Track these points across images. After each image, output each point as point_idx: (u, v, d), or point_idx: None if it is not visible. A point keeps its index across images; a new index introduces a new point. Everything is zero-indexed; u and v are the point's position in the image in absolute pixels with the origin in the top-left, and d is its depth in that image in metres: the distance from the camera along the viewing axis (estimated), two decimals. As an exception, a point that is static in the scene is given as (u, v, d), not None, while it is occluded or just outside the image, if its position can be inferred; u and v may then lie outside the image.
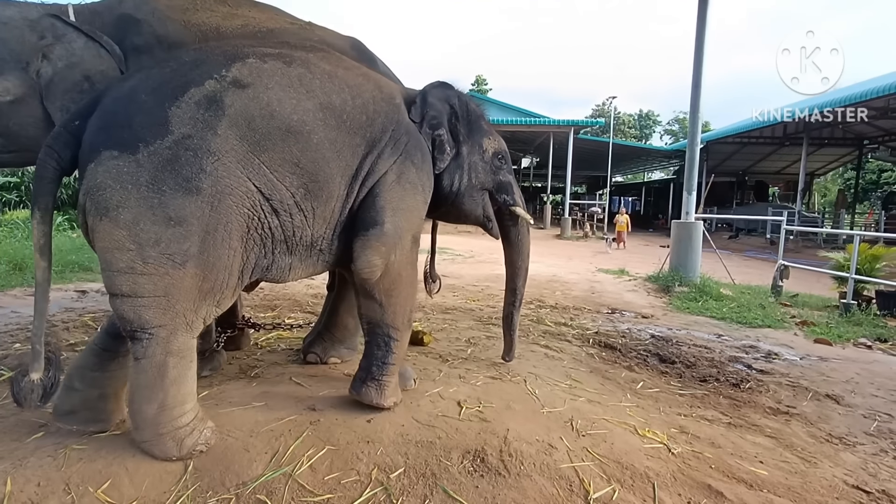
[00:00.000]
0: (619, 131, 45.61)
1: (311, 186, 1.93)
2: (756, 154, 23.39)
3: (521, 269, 2.91)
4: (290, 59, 1.99)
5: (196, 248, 1.72)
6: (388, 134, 2.17)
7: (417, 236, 2.32)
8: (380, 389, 2.21)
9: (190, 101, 1.74)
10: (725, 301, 6.15)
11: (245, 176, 1.79)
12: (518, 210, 2.72)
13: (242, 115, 1.79)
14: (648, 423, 2.43)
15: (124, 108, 1.72)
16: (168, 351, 1.76)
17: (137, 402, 1.79)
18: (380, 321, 2.25)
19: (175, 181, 1.67)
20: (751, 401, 3.04)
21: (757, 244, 17.61)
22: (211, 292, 1.80)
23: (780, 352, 4.24)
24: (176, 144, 1.69)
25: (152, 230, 1.66)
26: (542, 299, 5.89)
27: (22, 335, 3.43)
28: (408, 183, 2.20)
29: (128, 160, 1.65)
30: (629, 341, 4.22)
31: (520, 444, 1.99)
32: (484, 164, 2.63)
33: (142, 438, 1.81)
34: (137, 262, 1.67)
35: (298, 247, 2.01)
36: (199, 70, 1.82)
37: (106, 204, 1.64)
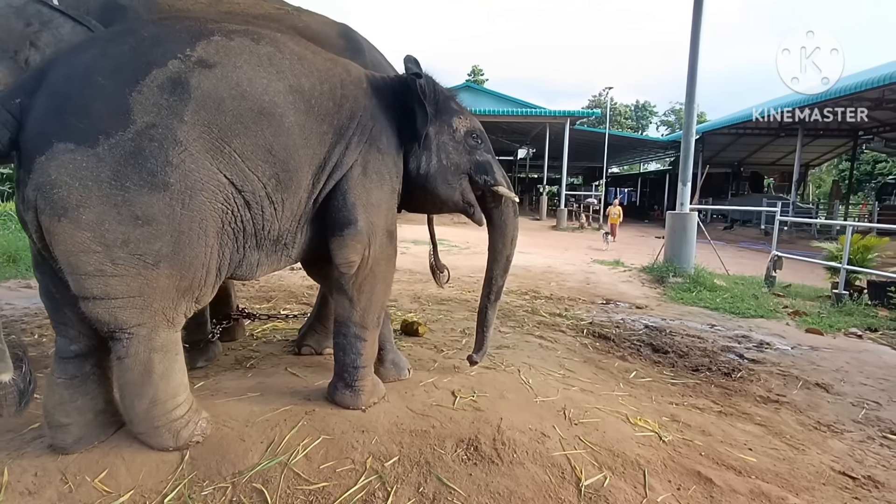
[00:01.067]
0: (615, 122, 45.55)
1: (283, 176, 1.84)
2: (751, 145, 23.44)
3: (502, 256, 2.61)
4: (259, 36, 1.87)
5: (169, 248, 1.62)
6: (355, 120, 2.07)
7: (392, 230, 2.24)
8: (355, 394, 2.18)
9: (152, 84, 1.59)
10: (719, 291, 6.20)
11: (216, 168, 1.68)
12: (501, 189, 2.48)
13: (211, 97, 1.66)
14: (640, 411, 2.46)
15: (79, 93, 1.54)
16: (151, 348, 1.71)
17: (129, 399, 1.75)
18: (348, 318, 2.19)
19: (139, 176, 1.54)
20: (742, 389, 3.08)
21: (751, 235, 17.72)
22: (189, 290, 1.73)
23: (772, 341, 4.29)
24: (139, 135, 1.54)
25: (118, 230, 1.54)
26: (537, 290, 5.93)
27: (17, 327, 3.43)
28: (375, 174, 2.12)
29: (86, 154, 1.50)
30: (623, 332, 4.25)
31: (513, 432, 2.01)
32: (455, 143, 2.43)
33: (138, 431, 1.81)
34: (107, 265, 1.56)
35: (266, 241, 1.92)
36: (161, 49, 1.66)
37: (64, 203, 1.49)
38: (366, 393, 2.21)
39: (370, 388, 2.24)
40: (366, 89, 2.19)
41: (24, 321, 3.61)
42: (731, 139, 22.30)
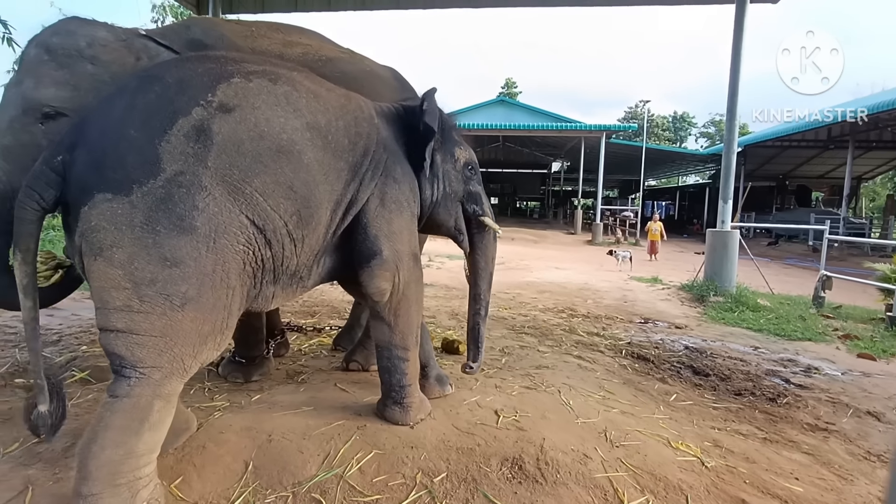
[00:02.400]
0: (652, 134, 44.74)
1: (304, 213, 1.89)
2: (797, 158, 22.62)
3: (486, 274, 2.76)
4: (276, 76, 1.94)
5: (194, 291, 1.65)
6: (369, 157, 2.14)
7: (416, 253, 2.37)
8: (404, 410, 2.30)
9: (179, 133, 1.67)
10: (763, 312, 6.05)
11: (238, 209, 1.73)
12: (487, 220, 2.66)
13: (231, 140, 1.72)
14: (682, 435, 2.48)
15: (114, 147, 1.64)
16: (157, 394, 1.65)
17: (98, 446, 1.59)
18: (389, 342, 2.31)
19: (169, 220, 1.61)
20: (788, 416, 3.04)
21: (798, 251, 17.04)
22: (212, 335, 1.74)
23: (821, 366, 4.17)
24: (168, 182, 1.62)
25: (148, 269, 1.60)
26: (573, 308, 5.93)
27: (86, 337, 3.71)
28: (393, 203, 2.20)
29: (122, 202, 1.58)
30: (662, 352, 4.22)
31: (555, 453, 2.08)
32: (456, 172, 2.59)
33: (89, 491, 1.57)
34: (134, 301, 1.60)
35: (283, 276, 1.96)
36: (185, 95, 1.74)
37: (100, 244, 1.58)
38: (414, 409, 2.33)
39: (418, 404, 2.36)
40: (377, 124, 2.27)
41: (93, 331, 3.89)
42: (776, 152, 21.61)
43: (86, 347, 3.45)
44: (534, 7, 8.63)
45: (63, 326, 4.07)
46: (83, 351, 3.37)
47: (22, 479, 1.86)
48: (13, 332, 3.87)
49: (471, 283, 2.77)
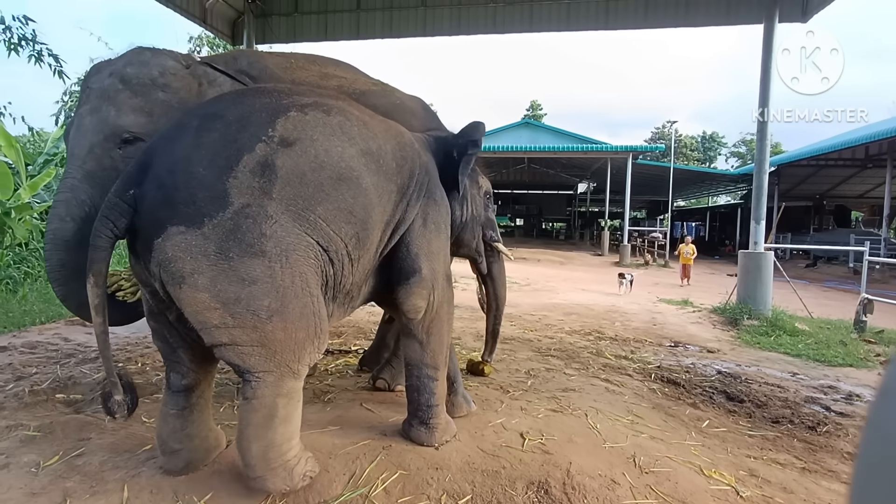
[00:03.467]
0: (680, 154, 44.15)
1: (362, 235, 1.99)
2: (835, 177, 21.91)
3: (501, 295, 3.16)
4: (328, 107, 2.04)
5: (277, 303, 1.76)
6: (414, 179, 2.26)
7: (449, 273, 2.48)
8: (430, 432, 2.33)
9: (245, 169, 1.77)
10: (801, 336, 5.82)
11: (303, 231, 1.84)
12: (500, 246, 3.02)
13: (294, 173, 1.83)
14: (715, 463, 2.40)
15: (185, 184, 1.75)
16: (277, 393, 1.83)
17: (247, 441, 1.84)
18: (420, 361, 2.37)
19: (240, 248, 1.72)
20: (828, 445, 2.90)
21: (838, 274, 16.38)
22: (308, 339, 1.86)
23: (863, 393, 3.99)
24: (236, 214, 1.73)
25: (230, 290, 1.72)
26: (601, 330, 5.83)
27: (122, 355, 3.85)
28: (433, 224, 2.33)
29: (194, 234, 1.70)
30: (693, 377, 4.11)
31: (582, 477, 2.04)
32: (480, 198, 2.87)
33: (254, 475, 1.87)
34: (227, 318, 1.74)
35: (339, 294, 2.07)
36: (247, 132, 1.84)
37: (181, 273, 1.70)
38: (439, 430, 2.34)
39: (444, 425, 2.38)
40: (417, 149, 2.40)
41: (128, 349, 4.04)
42: (811, 171, 20.99)
43: (122, 364, 3.57)
44: (558, 32, 8.69)
45: (102, 344, 4.22)
46: (119, 368, 3.48)
47: (61, 491, 1.93)
48: (55, 349, 4.05)
49: (487, 304, 3.13)
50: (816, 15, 7.15)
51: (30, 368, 3.47)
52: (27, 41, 7.31)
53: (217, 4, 8.58)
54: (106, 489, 1.95)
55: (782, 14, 7.00)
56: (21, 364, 3.55)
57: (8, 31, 5.74)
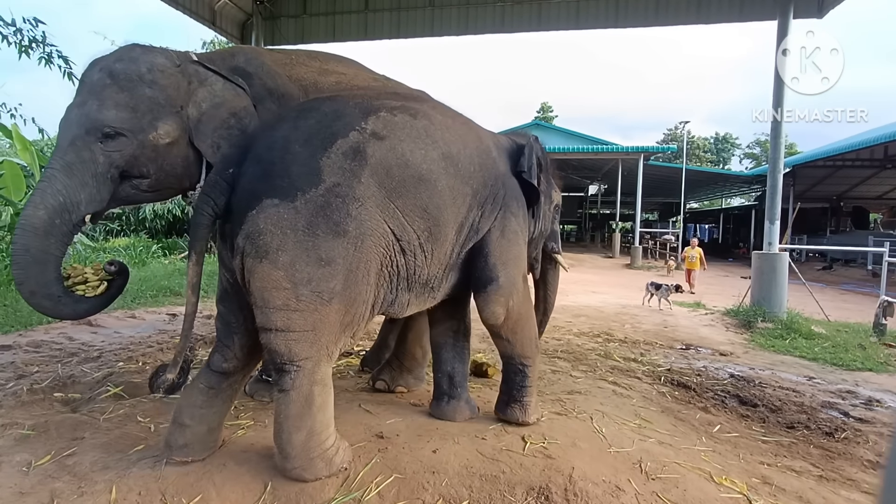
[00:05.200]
0: (693, 156, 43.61)
1: (434, 230, 2.11)
2: (852, 178, 21.42)
3: (551, 302, 3.26)
4: (415, 112, 2.18)
5: (341, 286, 1.87)
6: (488, 188, 2.34)
7: (525, 275, 2.60)
8: (523, 409, 2.50)
9: (338, 151, 1.91)
10: (818, 339, 5.66)
11: (382, 219, 1.96)
12: (560, 258, 3.13)
13: (382, 164, 1.97)
14: (726, 470, 2.29)
15: (281, 159, 1.88)
16: (313, 381, 1.90)
17: (287, 433, 1.88)
18: (511, 354, 2.55)
19: (327, 225, 1.83)
20: (846, 452, 2.78)
21: (856, 276, 15.99)
22: (350, 325, 1.96)
23: (883, 398, 3.84)
24: (328, 192, 1.85)
25: (306, 270, 1.81)
26: (610, 332, 5.71)
27: (124, 354, 3.82)
28: (511, 233, 2.41)
29: (287, 207, 1.81)
30: (705, 380, 3.99)
31: (585, 483, 1.95)
32: (550, 213, 2.94)
33: (293, 466, 1.90)
34: (292, 300, 1.82)
35: (416, 285, 2.18)
36: (341, 122, 1.99)
37: (266, 247, 1.79)
38: (531, 408, 2.53)
39: (534, 404, 2.57)
40: (494, 157, 2.49)
41: (131, 348, 4.02)
42: (828, 172, 20.56)
43: (122, 364, 3.55)
44: (567, 31, 8.59)
45: (105, 343, 4.22)
46: (120, 367, 3.47)
47: (49, 492, 1.88)
48: (59, 348, 4.04)
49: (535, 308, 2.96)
50: (832, 10, 6.98)
51: (31, 367, 3.46)
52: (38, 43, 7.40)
53: (226, 7, 8.62)
54: (94, 490, 1.91)
55: (797, 10, 6.83)
56: (24, 363, 3.54)
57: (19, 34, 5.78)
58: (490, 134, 2.66)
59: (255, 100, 2.47)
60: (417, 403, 2.79)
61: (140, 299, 6.39)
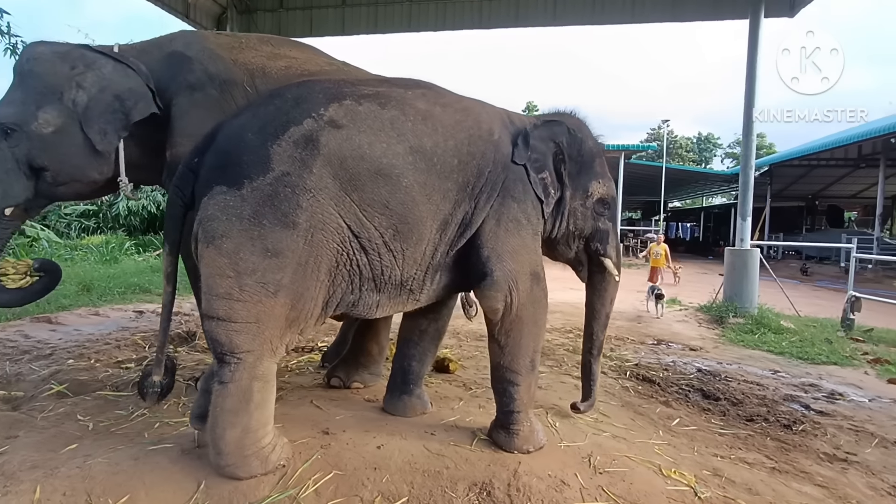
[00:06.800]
0: (676, 155, 44.10)
1: (402, 228, 1.98)
2: (827, 177, 21.82)
3: (601, 315, 2.64)
4: (386, 100, 2.04)
5: (288, 279, 1.81)
6: (483, 177, 2.14)
7: (537, 271, 2.23)
8: (509, 437, 2.19)
9: (290, 139, 1.84)
10: (786, 334, 5.71)
11: (337, 213, 1.88)
12: (608, 263, 2.53)
13: (336, 155, 1.87)
14: (677, 463, 2.27)
15: (235, 147, 1.86)
16: (254, 376, 1.83)
17: (221, 427, 1.83)
18: (499, 363, 2.25)
19: (274, 215, 1.78)
20: (803, 444, 2.78)
21: (829, 273, 16.28)
22: (297, 321, 1.89)
23: (846, 392, 3.87)
24: (276, 181, 1.80)
25: (251, 260, 1.77)
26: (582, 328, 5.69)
27: (77, 351, 3.70)
28: (510, 222, 2.16)
29: (234, 195, 1.78)
30: (671, 375, 3.99)
31: (530, 478, 1.91)
32: (584, 210, 2.45)
33: (226, 463, 1.84)
34: (235, 289, 1.78)
35: (387, 286, 2.06)
36: (299, 109, 1.92)
37: (213, 233, 1.78)
38: (520, 438, 2.18)
39: (526, 433, 2.20)
40: (497, 140, 2.23)
41: (86, 346, 3.89)
42: (804, 171, 20.90)
43: (73, 361, 3.43)
44: (544, 27, 8.58)
45: (61, 341, 4.08)
46: (69, 364, 3.35)
47: (-33, 492, 1.78)
48: (13, 345, 3.89)
49: (585, 323, 2.70)
50: (804, 9, 7.06)
51: (-22, 365, 3.32)
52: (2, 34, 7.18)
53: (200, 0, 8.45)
54: (19, 489, 1.81)
55: (768, 9, 6.89)
56: (-29, 361, 3.40)
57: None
58: (500, 115, 2.36)
59: (194, 86, 2.40)
60: (371, 399, 2.73)
61: (107, 297, 6.22)
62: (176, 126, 2.39)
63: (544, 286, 2.28)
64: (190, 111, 2.42)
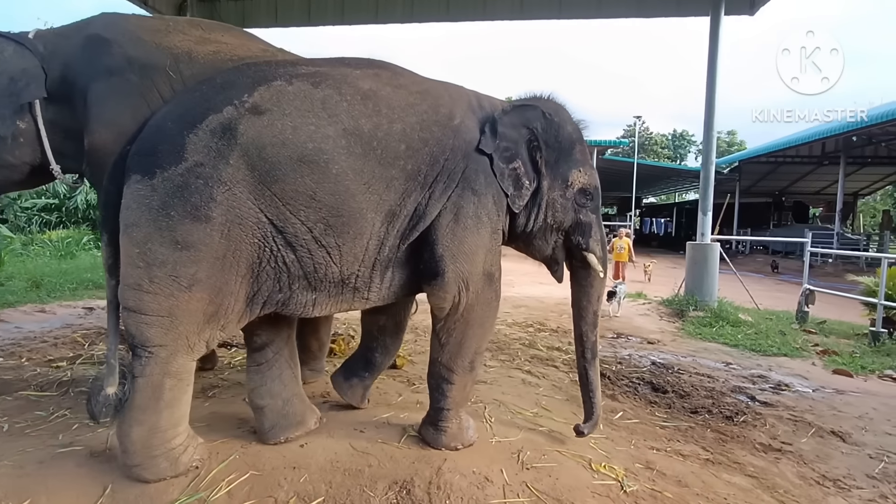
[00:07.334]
0: (651, 152, 44.73)
1: (335, 221, 1.83)
2: (793, 174, 22.42)
3: (588, 313, 2.40)
4: (322, 79, 1.90)
5: (204, 274, 1.73)
6: (437, 165, 1.98)
7: (491, 272, 2.12)
8: (437, 433, 2.13)
9: (206, 128, 1.76)
10: (743, 327, 5.81)
11: (256, 207, 1.77)
12: (591, 258, 2.32)
13: (254, 143, 1.76)
14: (610, 457, 2.26)
15: (153, 135, 1.80)
16: (166, 371, 1.76)
17: (128, 424, 1.75)
18: (436, 358, 2.17)
19: (184, 207, 1.70)
20: (741, 435, 2.81)
21: (793, 268, 16.73)
22: (216, 317, 1.80)
23: (792, 382, 3.95)
24: (188, 172, 1.72)
25: (160, 251, 1.70)
26: (544, 322, 5.72)
27: (9, 350, 3.53)
28: (468, 219, 2.00)
29: (146, 184, 1.72)
30: (625, 368, 4.01)
31: (453, 475, 1.87)
32: (564, 201, 2.26)
33: (132, 463, 1.76)
34: (144, 280, 1.72)
35: (324, 284, 1.92)
36: (223, 95, 1.82)
37: (126, 221, 1.74)
38: (448, 435, 2.13)
39: (454, 431, 2.14)
40: (458, 126, 2.06)
41: (21, 344, 3.73)
42: (770, 168, 21.44)
43: (2, 360, 3.27)
44: (511, 21, 8.54)
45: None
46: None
47: None
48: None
49: (574, 323, 2.47)
50: (763, 7, 7.16)
51: None
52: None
53: (159, -12, 8.17)
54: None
55: (728, 7, 6.95)
56: None
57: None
58: (467, 98, 2.20)
59: (112, 70, 2.27)
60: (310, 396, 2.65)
61: (56, 293, 5.99)
62: (92, 113, 2.27)
63: (497, 287, 2.17)
64: (107, 97, 2.30)
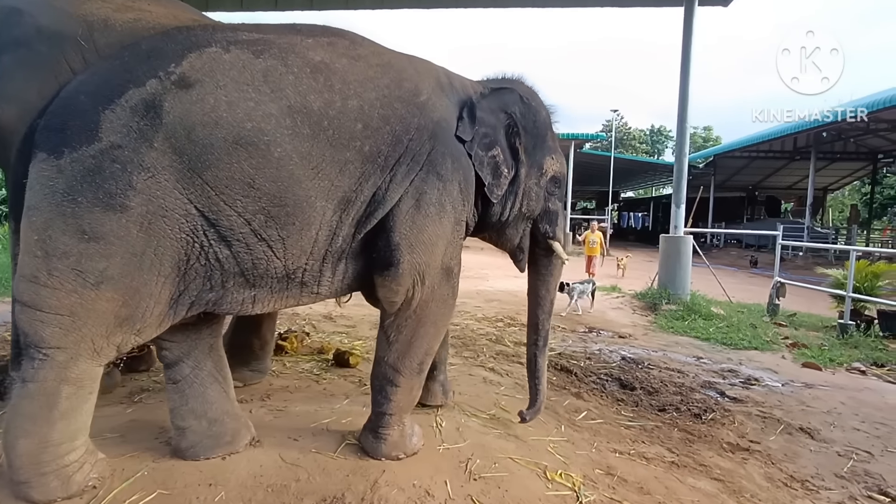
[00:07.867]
0: (629, 146, 45.11)
1: (277, 211, 1.62)
2: (766, 168, 22.80)
3: (545, 301, 2.36)
4: (265, 47, 1.66)
5: (116, 271, 1.51)
6: (401, 146, 1.79)
7: (450, 266, 1.96)
8: (377, 441, 1.93)
9: (126, 105, 1.51)
10: (715, 320, 5.76)
11: (185, 197, 1.54)
12: (556, 246, 2.29)
13: (182, 123, 1.52)
14: (569, 462, 2.10)
15: (63, 109, 1.56)
16: (63, 378, 1.53)
17: (14, 435, 1.52)
18: (382, 357, 1.96)
19: (94, 194, 1.48)
20: (709, 434, 2.70)
21: (766, 261, 17.00)
22: (130, 320, 1.57)
23: (762, 377, 3.88)
24: (102, 154, 1.49)
25: (62, 241, 1.48)
26: (514, 317, 5.56)
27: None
28: (431, 206, 1.83)
29: (51, 164, 1.49)
30: (593, 364, 3.88)
31: (390, 489, 1.68)
32: (538, 189, 2.20)
33: (18, 480, 1.53)
34: (42, 272, 1.49)
35: (265, 279, 1.71)
36: (147, 65, 1.58)
37: (27, 203, 1.51)
38: (388, 444, 1.93)
39: (395, 439, 1.95)
40: (423, 103, 1.88)
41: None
42: (745, 162, 21.73)
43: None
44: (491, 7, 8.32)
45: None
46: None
47: None
48: None
49: (529, 311, 2.39)
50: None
51: None
52: None
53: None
54: None
55: (702, -4, 6.89)
56: None
57: None
58: (434, 74, 2.04)
59: (20, 41, 2.06)
60: (246, 400, 2.43)
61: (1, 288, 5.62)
62: None
63: (455, 283, 2.00)
64: (13, 71, 2.08)
